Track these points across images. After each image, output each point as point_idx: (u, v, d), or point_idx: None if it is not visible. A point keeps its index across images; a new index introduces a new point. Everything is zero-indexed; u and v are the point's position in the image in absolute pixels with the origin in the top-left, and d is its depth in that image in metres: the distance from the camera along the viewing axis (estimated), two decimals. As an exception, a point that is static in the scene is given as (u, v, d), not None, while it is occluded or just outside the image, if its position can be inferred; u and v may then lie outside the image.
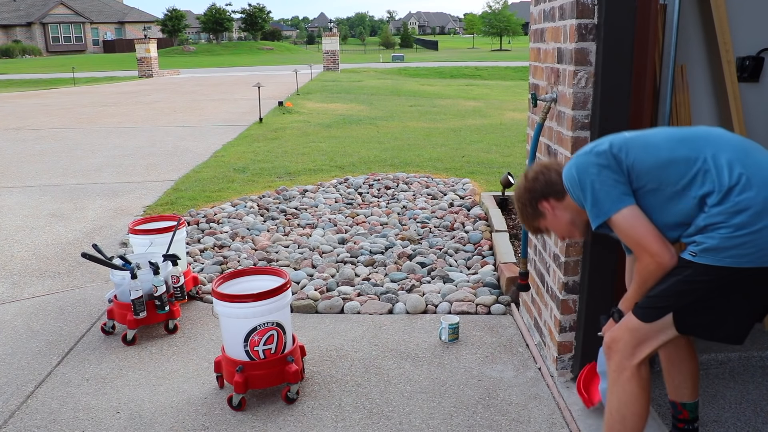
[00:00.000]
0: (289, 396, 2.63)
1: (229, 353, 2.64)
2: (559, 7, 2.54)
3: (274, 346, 2.63)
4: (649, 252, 1.79)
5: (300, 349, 2.80)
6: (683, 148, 1.80)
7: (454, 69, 26.72)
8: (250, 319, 2.56)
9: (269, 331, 2.61)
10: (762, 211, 1.68)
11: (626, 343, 1.92)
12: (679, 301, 1.84)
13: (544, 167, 2.07)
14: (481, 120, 11.02)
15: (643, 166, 1.82)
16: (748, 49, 2.94)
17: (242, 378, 2.55)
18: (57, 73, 26.92)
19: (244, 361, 2.59)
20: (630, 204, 1.81)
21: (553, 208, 2.04)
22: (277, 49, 56.63)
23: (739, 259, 1.71)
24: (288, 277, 2.74)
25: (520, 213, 2.12)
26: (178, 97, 15.72)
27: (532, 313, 3.16)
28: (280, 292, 2.61)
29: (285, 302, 2.66)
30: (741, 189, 1.70)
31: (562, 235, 2.12)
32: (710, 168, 1.74)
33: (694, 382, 2.14)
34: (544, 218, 2.07)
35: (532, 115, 3.14)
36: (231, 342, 2.62)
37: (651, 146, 1.85)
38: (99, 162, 7.63)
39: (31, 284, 3.97)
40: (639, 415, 1.94)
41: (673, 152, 1.80)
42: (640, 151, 1.84)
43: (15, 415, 2.58)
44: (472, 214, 5.06)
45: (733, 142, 1.80)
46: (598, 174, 1.84)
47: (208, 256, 4.36)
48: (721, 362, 2.79)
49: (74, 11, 58.26)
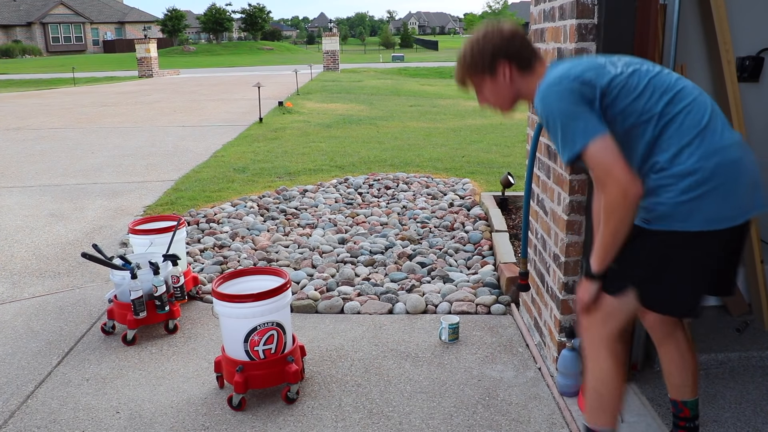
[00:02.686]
0: (289, 396, 2.63)
1: (229, 353, 2.64)
2: (559, 7, 2.54)
3: (274, 346, 2.63)
4: (615, 179, 1.68)
5: (300, 349, 2.80)
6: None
7: (454, 69, 26.72)
8: (250, 319, 2.55)
9: (269, 331, 2.61)
10: (710, 177, 1.69)
11: (595, 318, 1.93)
12: (638, 270, 1.83)
13: (525, 36, 1.92)
14: (481, 120, 11.02)
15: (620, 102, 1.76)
16: (748, 49, 2.94)
17: (242, 378, 2.55)
18: (57, 73, 26.93)
19: (244, 361, 2.59)
20: (604, 133, 1.71)
21: (510, 73, 1.90)
22: (277, 49, 56.63)
23: (688, 224, 1.72)
24: (288, 277, 2.74)
25: (469, 55, 1.92)
26: (178, 97, 15.72)
27: (532, 313, 3.16)
28: (280, 292, 2.61)
29: (285, 302, 2.66)
30: (690, 153, 1.71)
31: (495, 103, 1.98)
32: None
33: (694, 380, 2.13)
34: (490, 78, 1.92)
35: (532, 115, 3.15)
36: (231, 342, 2.62)
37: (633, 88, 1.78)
38: (99, 162, 7.63)
39: (31, 284, 3.97)
40: (615, 391, 1.95)
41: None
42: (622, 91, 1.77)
43: (15, 415, 2.58)
44: (472, 214, 5.06)
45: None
46: (570, 102, 1.74)
47: (208, 256, 4.36)
48: (721, 362, 2.79)
49: (74, 11, 58.27)
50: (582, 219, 2.53)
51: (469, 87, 2.00)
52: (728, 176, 1.71)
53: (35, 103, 14.65)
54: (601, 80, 1.77)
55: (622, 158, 1.69)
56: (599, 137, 1.70)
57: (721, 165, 1.70)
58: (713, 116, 1.76)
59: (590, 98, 1.75)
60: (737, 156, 1.73)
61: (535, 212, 3.05)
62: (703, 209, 1.71)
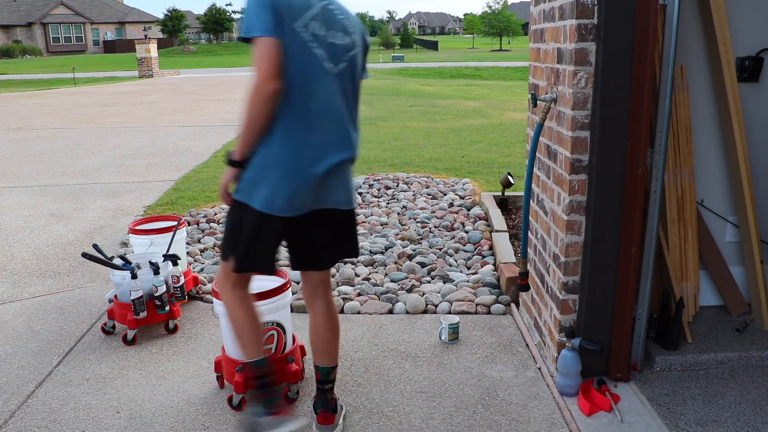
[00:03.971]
0: (289, 396, 2.63)
1: (230, 353, 2.64)
2: (559, 7, 2.54)
3: (274, 346, 2.63)
4: (259, 73, 1.92)
5: (300, 348, 2.80)
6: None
7: (454, 69, 26.72)
8: None
9: (269, 331, 2.61)
10: (271, 165, 2.02)
11: (220, 279, 2.29)
12: (231, 236, 2.16)
13: None
14: (481, 120, 11.02)
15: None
16: (747, 49, 2.94)
17: (242, 378, 2.55)
18: (57, 73, 26.93)
19: (244, 361, 2.58)
20: (274, 37, 1.93)
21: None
22: (277, 49, 56.52)
23: (252, 200, 2.05)
24: (288, 277, 2.74)
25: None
26: (178, 97, 15.73)
27: (532, 313, 3.16)
28: (280, 292, 2.61)
29: (285, 302, 2.66)
30: (271, 142, 2.02)
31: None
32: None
33: (328, 348, 2.39)
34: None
35: (532, 115, 3.15)
36: (231, 342, 2.62)
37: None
38: (99, 162, 7.64)
39: (32, 284, 3.97)
40: (247, 325, 2.25)
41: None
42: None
43: (15, 414, 2.58)
44: (472, 214, 5.06)
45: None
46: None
47: (208, 256, 4.36)
48: (721, 362, 2.79)
49: (74, 11, 58.27)
50: (582, 219, 2.53)
51: None
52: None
53: (35, 103, 14.66)
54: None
55: (274, 61, 1.92)
56: (268, 37, 1.92)
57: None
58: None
59: (280, 15, 1.95)
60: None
61: (535, 212, 3.05)
62: (263, 192, 2.05)
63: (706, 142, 3.05)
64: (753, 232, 3.00)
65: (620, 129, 2.40)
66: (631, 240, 2.50)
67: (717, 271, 3.15)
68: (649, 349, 2.81)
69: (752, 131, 3.04)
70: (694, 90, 2.95)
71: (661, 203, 2.60)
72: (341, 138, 2.13)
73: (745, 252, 3.09)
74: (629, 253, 2.52)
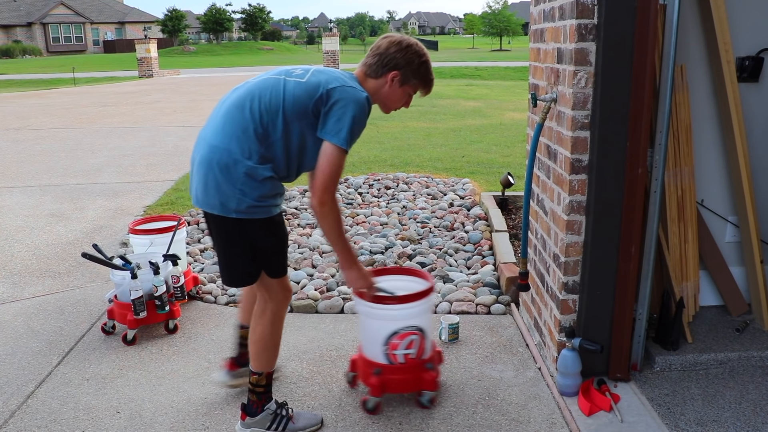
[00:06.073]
0: (423, 402, 2.56)
1: (367, 354, 2.57)
2: (559, 7, 2.54)
3: (414, 351, 2.53)
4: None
5: (438, 355, 2.71)
6: None
7: (454, 69, 26.71)
8: (392, 321, 2.47)
9: (411, 335, 2.49)
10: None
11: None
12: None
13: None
14: (481, 120, 11.02)
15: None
16: (747, 49, 2.94)
17: (379, 381, 2.48)
18: (57, 73, 26.93)
19: (382, 364, 2.52)
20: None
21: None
22: (277, 50, 56.62)
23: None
24: (433, 280, 2.62)
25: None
26: (178, 97, 15.72)
27: (532, 313, 3.16)
28: (425, 296, 2.51)
29: (428, 306, 2.55)
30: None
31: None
32: None
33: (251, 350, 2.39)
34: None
35: (532, 115, 3.15)
36: (369, 343, 2.55)
37: None
38: (99, 162, 7.63)
39: (32, 284, 3.97)
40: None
41: None
42: None
43: (15, 414, 2.58)
44: (472, 214, 5.06)
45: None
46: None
47: (208, 256, 4.36)
48: (721, 362, 2.79)
49: (74, 11, 58.27)
50: (582, 219, 2.53)
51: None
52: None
53: (35, 103, 14.65)
54: None
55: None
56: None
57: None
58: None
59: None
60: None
61: (535, 212, 3.05)
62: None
63: (706, 142, 3.05)
64: (753, 232, 3.00)
65: (620, 129, 2.40)
66: (631, 240, 2.50)
67: (717, 271, 3.15)
68: (649, 349, 2.81)
69: (752, 131, 3.04)
70: (694, 90, 2.95)
71: (661, 203, 2.60)
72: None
73: (745, 252, 3.09)
74: (629, 253, 2.52)
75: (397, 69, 2.22)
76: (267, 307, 2.31)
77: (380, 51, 2.22)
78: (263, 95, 2.14)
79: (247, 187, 2.10)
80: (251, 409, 2.37)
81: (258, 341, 2.32)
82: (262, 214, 2.17)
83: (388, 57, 2.21)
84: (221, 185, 2.11)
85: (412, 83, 2.28)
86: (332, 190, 2.14)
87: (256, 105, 2.13)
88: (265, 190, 2.14)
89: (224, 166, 2.10)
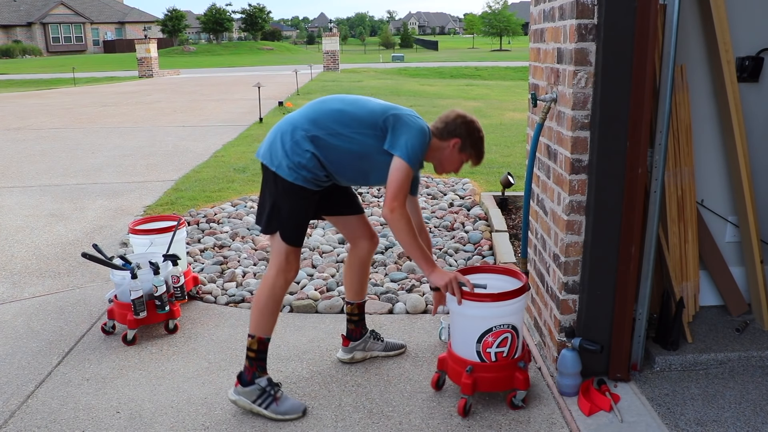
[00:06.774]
0: (514, 402, 2.55)
1: (458, 352, 2.56)
2: (559, 7, 2.54)
3: (506, 349, 2.51)
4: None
5: (528, 354, 2.69)
6: None
7: (454, 69, 26.72)
8: (487, 319, 2.45)
9: (504, 333, 2.48)
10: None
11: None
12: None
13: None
14: (481, 120, 10.91)
15: None
16: (747, 49, 2.94)
17: (471, 379, 2.47)
18: (57, 73, 26.93)
19: (474, 361, 2.51)
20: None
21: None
22: (277, 50, 56.62)
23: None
24: (526, 279, 2.60)
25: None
26: (178, 97, 15.73)
27: (532, 313, 3.16)
28: (519, 294, 2.49)
29: (522, 305, 2.53)
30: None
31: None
32: None
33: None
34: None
35: (532, 115, 3.15)
36: (462, 341, 2.54)
37: None
38: (99, 162, 7.64)
39: (32, 284, 3.97)
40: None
41: None
42: None
43: (15, 414, 2.58)
44: (472, 214, 5.06)
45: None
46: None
47: (208, 256, 4.36)
48: (721, 362, 2.79)
49: (74, 11, 58.28)
50: (582, 219, 2.53)
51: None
52: None
53: (35, 103, 14.66)
54: None
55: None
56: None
57: None
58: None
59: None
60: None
61: (535, 212, 3.05)
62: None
63: (706, 142, 3.05)
64: (753, 232, 3.00)
65: (620, 129, 2.40)
66: (631, 240, 2.50)
67: (717, 271, 3.15)
68: (649, 349, 2.81)
69: (752, 131, 3.04)
70: (694, 90, 2.95)
71: (661, 203, 2.60)
72: None
73: (745, 252, 3.09)
74: (629, 253, 2.52)
75: (459, 137, 2.52)
76: (269, 272, 2.53)
77: (448, 120, 2.54)
78: None
79: (291, 151, 2.43)
80: (244, 378, 2.54)
81: (255, 302, 2.54)
82: (289, 178, 2.41)
83: (454, 125, 2.53)
84: (276, 144, 2.46)
85: (468, 152, 2.57)
86: (401, 200, 2.37)
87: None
88: (303, 160, 2.41)
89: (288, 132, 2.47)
